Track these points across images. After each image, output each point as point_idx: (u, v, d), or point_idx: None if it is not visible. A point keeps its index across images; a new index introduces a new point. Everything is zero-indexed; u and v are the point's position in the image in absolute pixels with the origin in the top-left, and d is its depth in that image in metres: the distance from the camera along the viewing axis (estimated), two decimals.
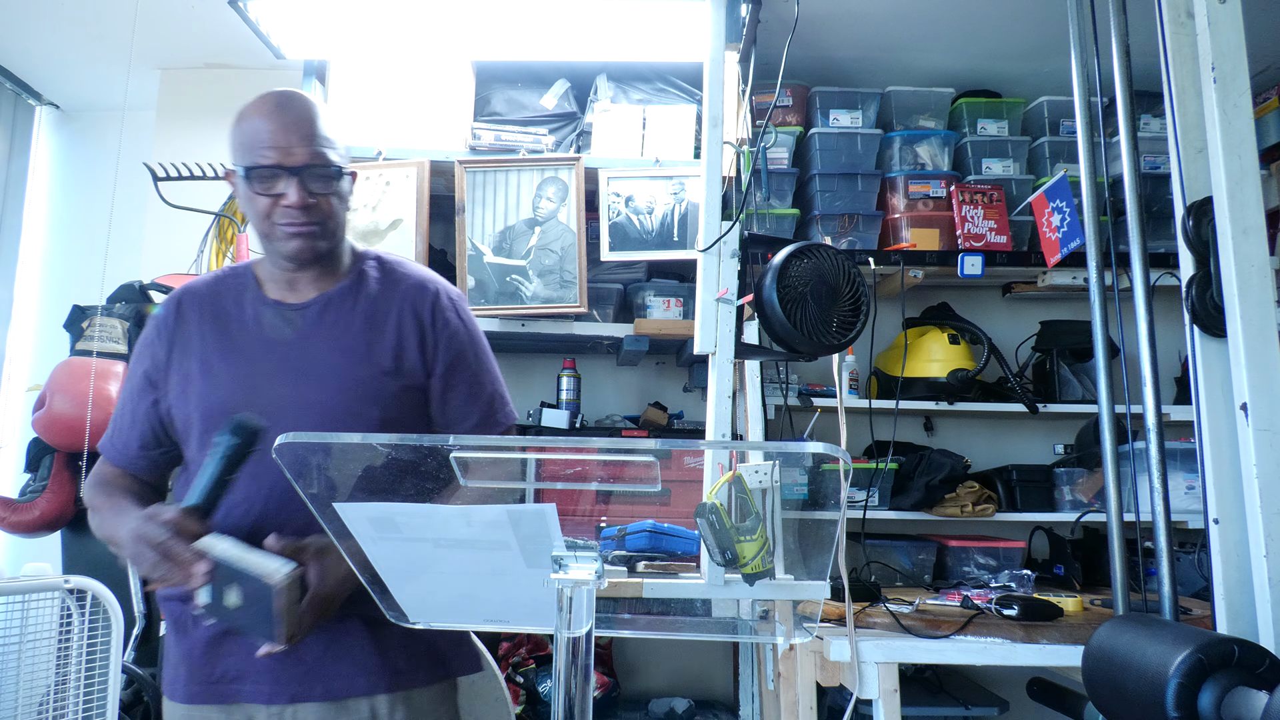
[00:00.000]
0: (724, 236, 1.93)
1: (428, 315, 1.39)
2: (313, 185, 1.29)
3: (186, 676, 1.31)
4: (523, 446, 1.05)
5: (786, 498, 2.48)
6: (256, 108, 1.30)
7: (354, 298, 1.38)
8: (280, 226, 1.30)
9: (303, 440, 1.10)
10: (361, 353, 1.34)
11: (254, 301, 1.38)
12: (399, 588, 0.98)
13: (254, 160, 1.27)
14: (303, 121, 1.28)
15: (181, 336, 1.37)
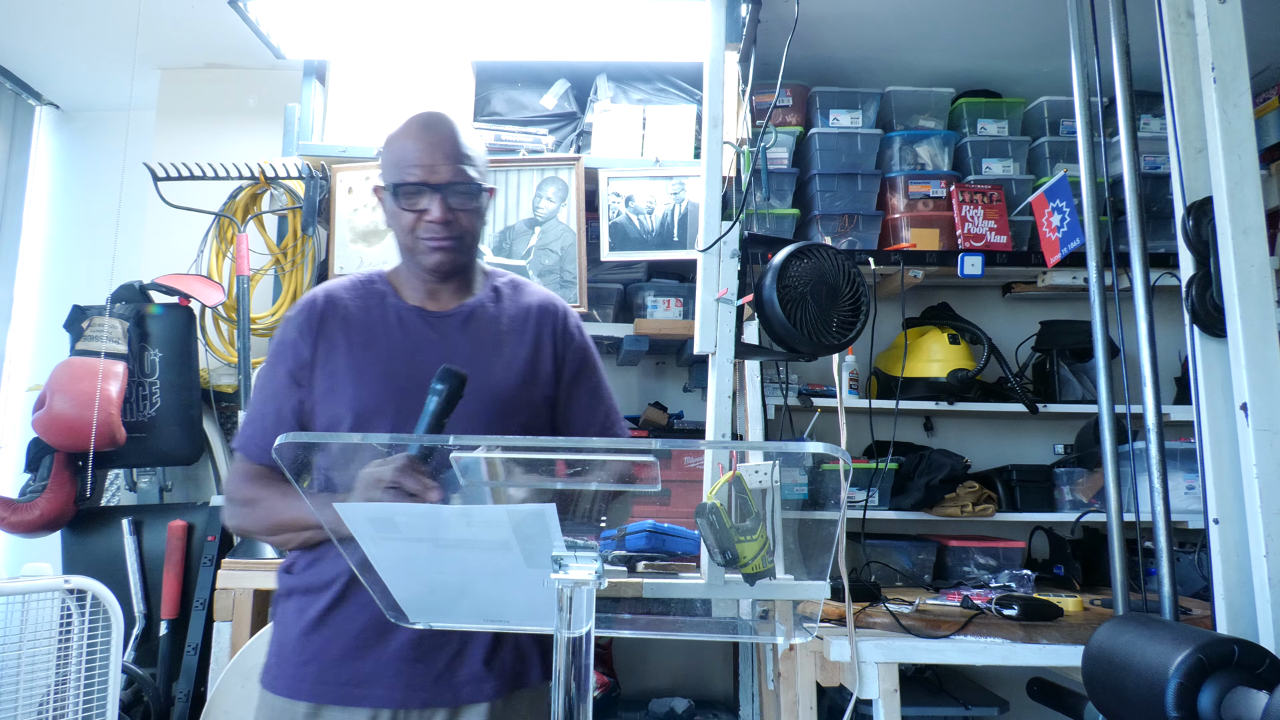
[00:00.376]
0: (724, 236, 1.94)
1: (559, 331, 1.49)
2: (454, 201, 1.37)
3: (315, 675, 1.32)
4: (523, 446, 1.05)
5: (786, 498, 2.49)
6: (405, 129, 1.40)
7: (493, 310, 1.47)
8: (423, 240, 1.38)
9: (303, 440, 1.10)
10: (505, 363, 1.42)
11: (395, 307, 1.44)
12: (399, 587, 0.98)
13: (401, 178, 1.37)
14: (446, 141, 1.37)
15: (326, 337, 1.41)
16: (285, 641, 1.39)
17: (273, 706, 1.35)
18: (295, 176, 2.73)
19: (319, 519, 1.28)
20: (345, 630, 1.33)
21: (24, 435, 2.60)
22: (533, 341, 1.46)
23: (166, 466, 2.80)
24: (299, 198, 2.76)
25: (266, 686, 1.38)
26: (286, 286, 2.77)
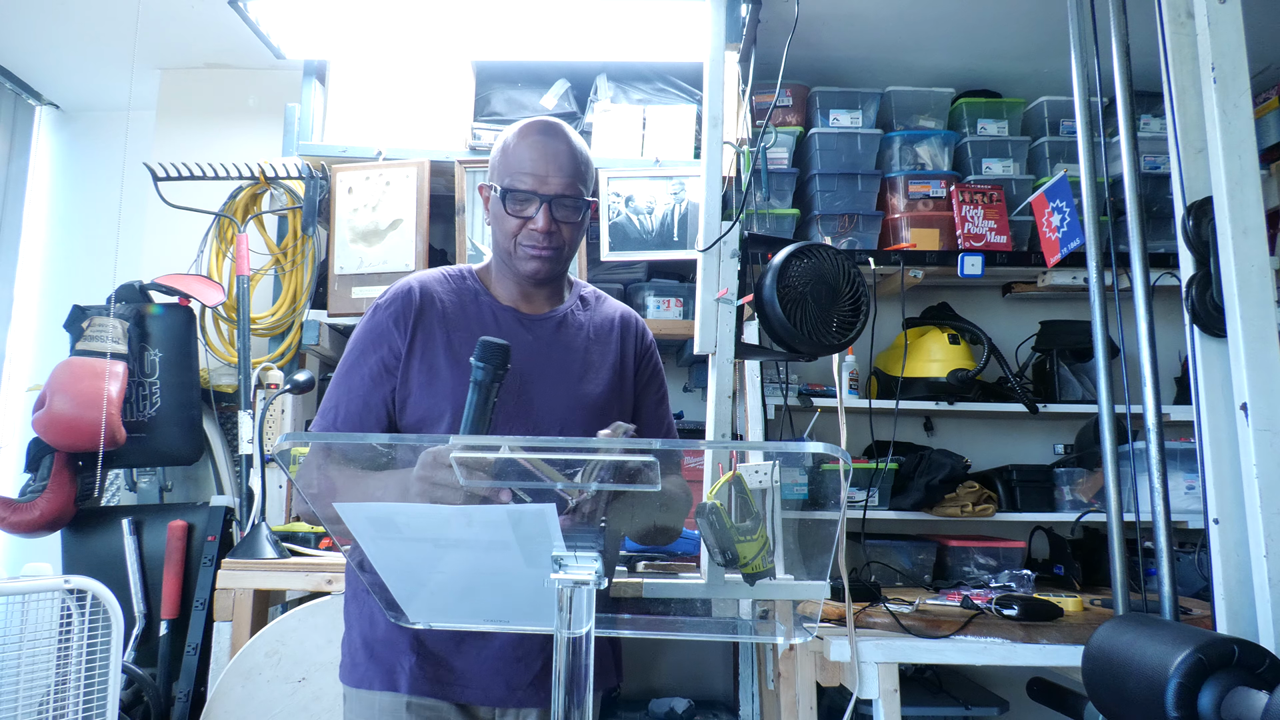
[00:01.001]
0: (724, 236, 1.94)
1: (640, 345, 1.54)
2: (560, 214, 1.38)
3: (412, 668, 1.32)
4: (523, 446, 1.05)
5: (786, 498, 2.48)
6: (523, 133, 1.40)
7: (582, 319, 1.50)
8: (524, 246, 1.39)
9: (304, 440, 1.10)
10: (595, 368, 1.46)
11: (491, 305, 1.45)
12: (399, 587, 0.98)
13: (512, 183, 1.38)
14: (561, 154, 1.38)
15: (424, 328, 1.39)
16: (373, 637, 1.38)
17: (365, 702, 1.35)
18: (295, 176, 2.73)
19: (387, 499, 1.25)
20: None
21: (24, 435, 2.60)
22: (618, 350, 1.49)
23: (166, 466, 2.80)
24: (299, 198, 2.76)
25: (354, 684, 1.38)
26: (286, 286, 2.77)
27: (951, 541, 2.77)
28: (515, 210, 1.38)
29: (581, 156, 1.42)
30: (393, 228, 2.70)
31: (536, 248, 1.38)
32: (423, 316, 1.40)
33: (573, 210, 1.40)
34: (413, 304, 1.40)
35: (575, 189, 1.39)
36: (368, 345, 1.39)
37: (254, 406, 2.51)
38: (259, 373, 2.51)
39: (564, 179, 1.37)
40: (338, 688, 1.49)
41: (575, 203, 1.39)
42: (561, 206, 1.38)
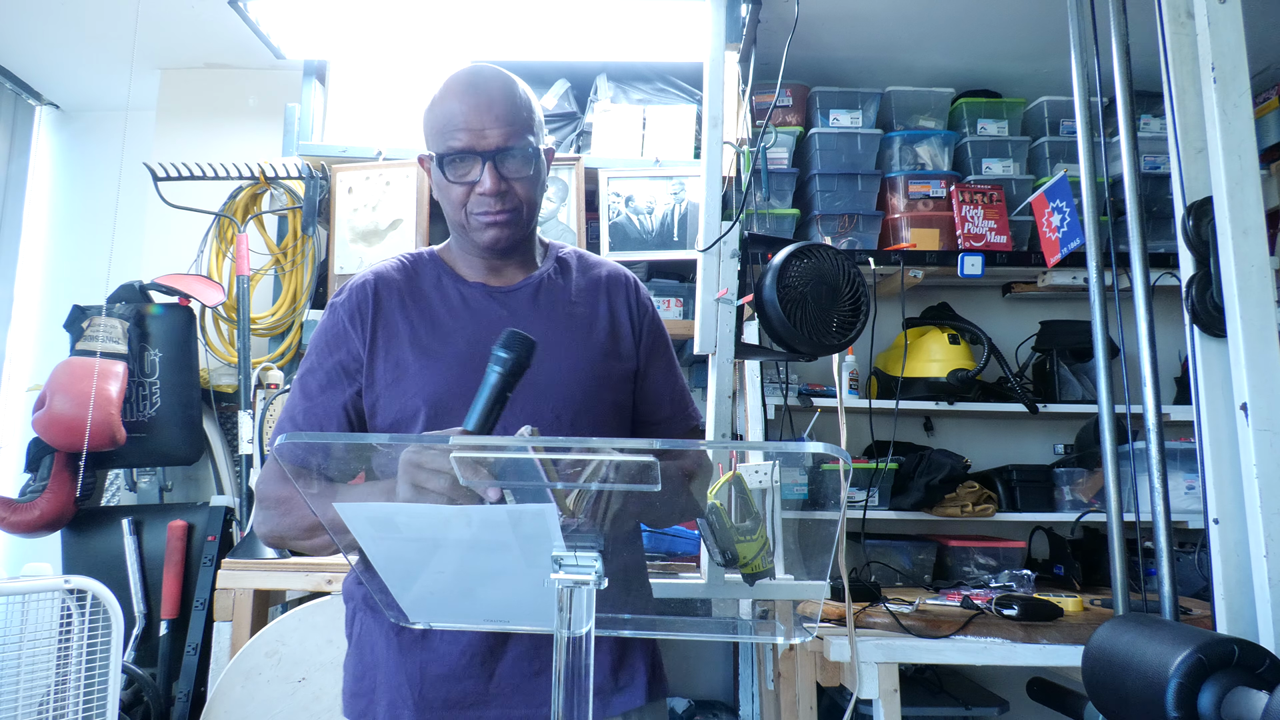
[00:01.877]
0: (724, 236, 1.94)
1: (634, 303, 1.38)
2: (507, 169, 1.22)
3: (417, 698, 1.20)
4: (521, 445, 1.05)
5: (786, 498, 2.48)
6: (447, 89, 1.23)
7: (561, 281, 1.35)
8: (476, 216, 1.24)
9: (303, 440, 1.10)
10: (583, 333, 1.31)
11: (454, 285, 1.31)
12: (399, 587, 0.98)
13: (445, 145, 1.21)
14: (495, 101, 1.20)
15: (384, 323, 1.27)
16: (372, 662, 1.26)
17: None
18: (295, 176, 2.73)
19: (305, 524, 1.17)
20: (452, 643, 1.20)
21: (24, 435, 2.60)
22: (608, 313, 1.34)
23: (166, 466, 2.80)
24: (299, 198, 2.76)
25: (355, 716, 1.26)
26: (286, 286, 2.77)
27: (951, 541, 2.77)
28: (457, 176, 1.22)
29: (521, 99, 1.23)
30: (393, 228, 2.70)
31: (489, 213, 1.23)
32: (381, 310, 1.27)
33: (522, 162, 1.22)
34: (367, 298, 1.28)
35: (520, 137, 1.21)
36: (324, 348, 1.28)
37: (254, 406, 2.51)
38: (259, 373, 2.51)
39: (503, 128, 1.20)
40: (337, 687, 1.48)
41: (523, 153, 1.21)
42: (508, 159, 1.21)
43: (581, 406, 1.26)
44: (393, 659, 1.23)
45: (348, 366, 1.26)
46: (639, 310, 1.38)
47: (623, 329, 1.35)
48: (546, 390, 1.24)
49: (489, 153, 1.20)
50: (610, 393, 1.31)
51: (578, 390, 1.26)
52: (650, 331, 1.39)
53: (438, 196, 1.28)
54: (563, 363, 1.27)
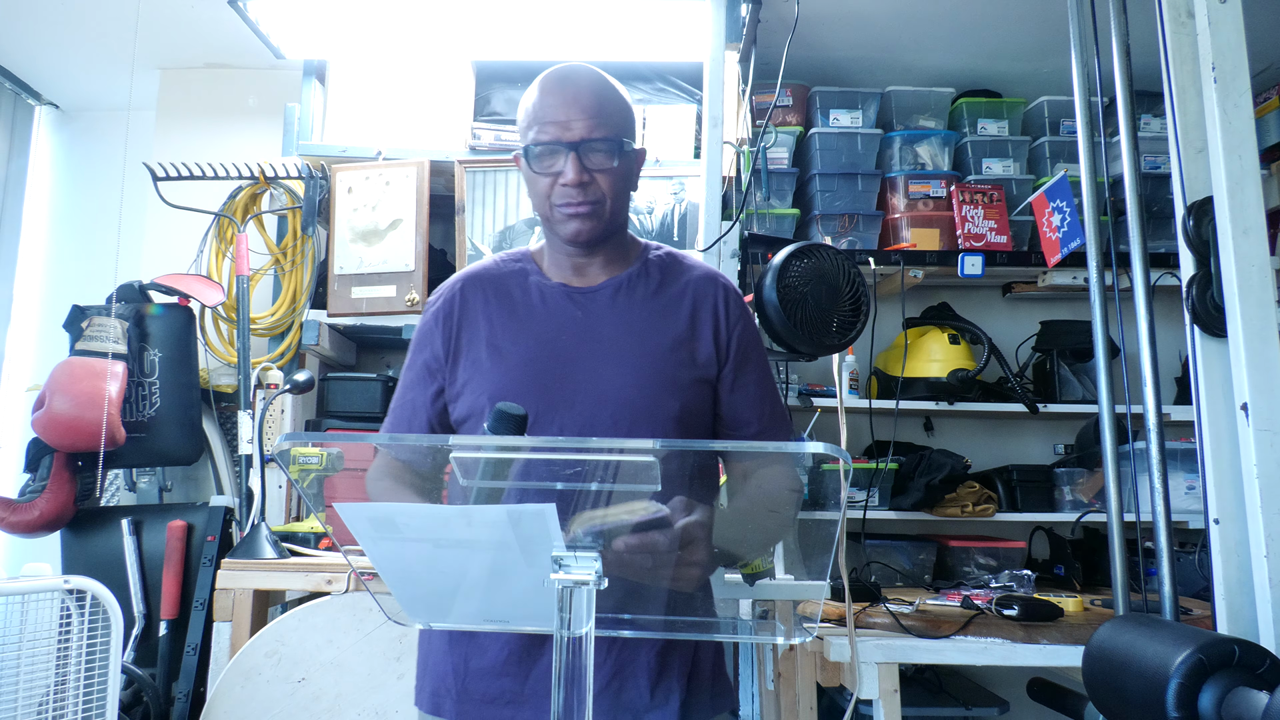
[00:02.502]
0: (724, 236, 1.94)
1: (720, 308, 1.33)
2: (591, 161, 1.22)
3: (459, 691, 1.23)
4: (521, 445, 1.05)
5: None
6: (539, 84, 1.26)
7: (644, 284, 1.33)
8: (559, 207, 1.25)
9: (302, 440, 1.10)
10: (656, 340, 1.28)
11: (538, 285, 1.33)
12: (399, 588, 0.98)
13: (533, 138, 1.24)
14: (583, 94, 1.23)
15: (468, 322, 1.31)
16: (429, 653, 1.30)
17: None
18: (295, 176, 2.73)
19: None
20: (494, 638, 1.22)
21: (24, 435, 2.60)
22: (689, 318, 1.31)
23: (166, 466, 2.80)
24: (299, 198, 2.76)
25: (416, 703, 1.31)
26: (286, 286, 2.77)
27: (951, 541, 2.77)
28: (543, 168, 1.24)
29: (610, 94, 1.25)
30: (393, 228, 2.70)
31: (571, 204, 1.23)
32: (466, 311, 1.32)
33: (606, 155, 1.22)
34: (453, 300, 1.33)
35: (606, 129, 1.22)
36: (415, 348, 1.35)
37: (254, 406, 2.51)
38: (259, 373, 2.51)
39: (589, 120, 1.21)
40: (337, 687, 1.48)
41: (608, 145, 1.22)
42: (592, 151, 1.22)
43: (642, 413, 1.24)
44: (442, 648, 1.27)
45: (431, 366, 1.32)
46: (726, 317, 1.33)
47: (703, 334, 1.31)
48: (606, 395, 1.24)
49: (573, 144, 1.21)
50: (676, 400, 1.26)
51: (639, 396, 1.24)
52: (739, 341, 1.33)
53: (528, 193, 1.30)
54: (627, 367, 1.25)
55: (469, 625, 1.13)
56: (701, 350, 1.30)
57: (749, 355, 1.34)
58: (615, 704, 1.20)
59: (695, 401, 1.29)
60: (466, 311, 1.32)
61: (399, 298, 2.66)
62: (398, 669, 2.04)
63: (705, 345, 1.30)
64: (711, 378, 1.31)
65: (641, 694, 1.22)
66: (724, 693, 1.31)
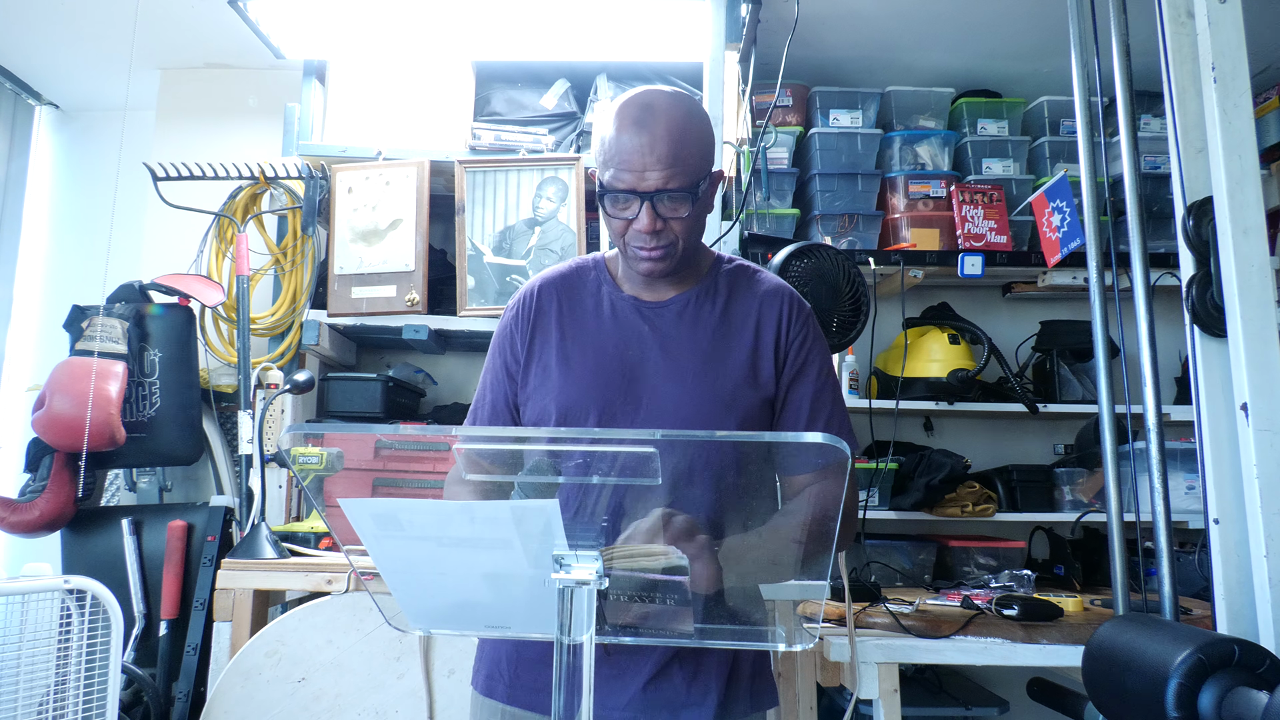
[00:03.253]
0: (724, 236, 1.94)
1: (784, 322, 1.35)
2: (664, 209, 1.25)
3: (511, 678, 1.30)
4: (520, 438, 1.05)
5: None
6: (618, 122, 1.25)
7: (712, 301, 1.35)
8: (634, 247, 1.28)
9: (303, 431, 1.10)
10: (719, 357, 1.31)
11: (610, 295, 1.36)
12: (400, 590, 0.97)
13: (609, 182, 1.25)
14: (658, 141, 1.22)
15: (541, 327, 1.35)
16: (486, 639, 1.36)
17: (476, 703, 1.34)
18: (295, 176, 2.73)
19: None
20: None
21: (24, 435, 2.60)
22: (754, 335, 1.32)
23: (166, 466, 2.80)
24: (299, 198, 2.76)
25: (471, 683, 1.37)
26: (286, 286, 2.77)
27: (951, 541, 2.77)
28: (617, 211, 1.26)
29: (687, 134, 1.24)
30: (393, 227, 2.70)
31: (645, 249, 1.26)
32: (541, 316, 1.36)
33: (679, 203, 1.24)
34: (529, 303, 1.38)
35: (679, 179, 1.23)
36: (495, 348, 1.40)
37: (254, 406, 2.51)
38: (259, 373, 2.51)
39: (663, 170, 1.21)
40: (337, 687, 1.49)
41: (681, 194, 1.23)
42: (665, 201, 1.24)
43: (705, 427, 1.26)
44: (503, 641, 1.31)
45: (510, 368, 1.37)
46: (787, 329, 1.34)
47: (765, 351, 1.32)
48: (665, 410, 1.27)
49: (647, 194, 1.23)
50: (736, 418, 1.28)
51: (696, 415, 1.27)
52: (797, 350, 1.34)
53: (603, 220, 1.32)
54: (688, 386, 1.28)
55: (470, 631, 1.13)
56: (763, 369, 1.32)
57: (805, 364, 1.34)
58: (654, 701, 1.23)
59: (756, 422, 1.31)
60: (541, 317, 1.36)
61: (399, 298, 2.66)
62: (398, 669, 2.04)
63: (766, 362, 1.32)
64: (771, 395, 1.32)
65: (678, 691, 1.24)
66: (765, 691, 1.33)
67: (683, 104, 1.27)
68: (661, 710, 1.23)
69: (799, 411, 1.32)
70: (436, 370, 3.09)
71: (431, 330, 2.68)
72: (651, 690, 1.23)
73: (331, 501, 0.90)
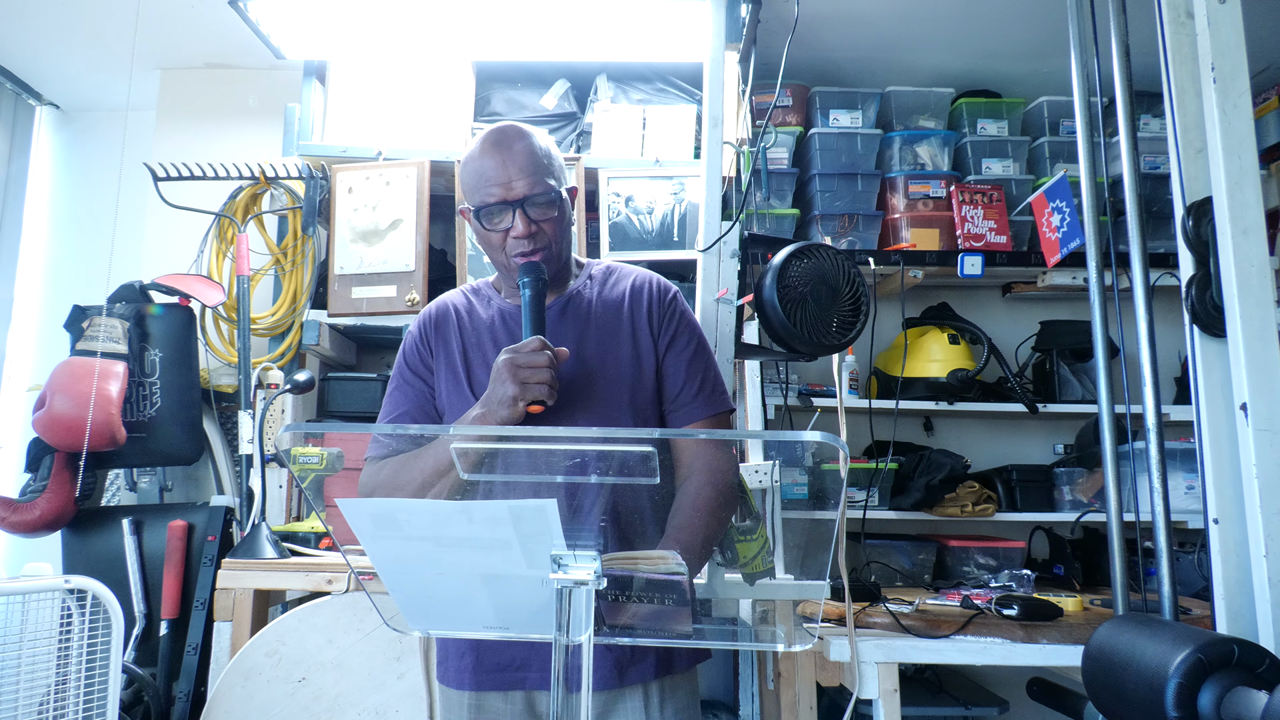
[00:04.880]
0: (724, 236, 1.94)
1: (654, 302, 1.50)
2: (535, 213, 1.40)
3: (474, 664, 1.40)
4: (519, 436, 1.05)
5: (786, 497, 2.48)
6: (478, 149, 1.43)
7: (589, 296, 1.51)
8: (515, 256, 1.42)
9: (302, 430, 1.10)
10: (610, 346, 1.46)
11: (500, 306, 1.52)
12: (399, 591, 0.97)
13: (481, 200, 1.41)
14: (519, 155, 1.40)
15: (443, 340, 1.50)
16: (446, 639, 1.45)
17: (446, 697, 1.45)
18: (295, 176, 2.73)
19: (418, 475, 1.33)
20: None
21: (24, 435, 2.60)
22: (630, 321, 1.48)
23: (167, 466, 2.80)
24: (299, 198, 2.76)
25: (439, 680, 1.48)
26: (286, 286, 2.77)
27: (951, 541, 2.77)
28: (493, 225, 1.42)
29: (540, 151, 1.42)
30: (393, 228, 2.70)
31: (524, 253, 1.41)
32: (440, 333, 1.51)
33: (547, 206, 1.41)
34: (430, 324, 1.52)
35: (543, 184, 1.40)
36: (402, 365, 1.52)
37: (254, 406, 2.51)
38: (259, 373, 2.51)
39: (528, 179, 1.39)
40: (337, 688, 1.50)
41: (547, 197, 1.40)
42: (534, 205, 1.40)
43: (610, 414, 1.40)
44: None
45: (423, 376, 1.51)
46: (659, 309, 1.50)
47: (643, 333, 1.48)
48: (576, 399, 1.40)
49: (517, 201, 1.39)
50: (627, 395, 1.43)
51: (602, 394, 1.41)
52: (669, 322, 1.49)
53: (480, 244, 1.48)
54: (586, 369, 1.42)
55: (468, 633, 1.14)
56: (644, 348, 1.47)
57: (676, 334, 1.50)
58: (601, 663, 1.35)
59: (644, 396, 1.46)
60: (440, 331, 1.51)
61: (399, 298, 2.66)
62: (398, 669, 2.04)
63: (646, 341, 1.48)
64: (652, 365, 1.48)
65: (624, 651, 1.37)
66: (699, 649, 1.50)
67: (529, 129, 1.45)
68: (610, 669, 1.36)
69: (675, 371, 1.47)
70: None
71: None
72: (600, 649, 1.33)
73: (330, 501, 0.90)
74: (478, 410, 1.31)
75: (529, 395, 1.25)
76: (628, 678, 1.38)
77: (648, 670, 1.40)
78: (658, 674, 1.41)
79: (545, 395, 1.26)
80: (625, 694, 1.39)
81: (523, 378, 1.25)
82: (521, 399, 1.25)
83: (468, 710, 1.41)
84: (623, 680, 1.38)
